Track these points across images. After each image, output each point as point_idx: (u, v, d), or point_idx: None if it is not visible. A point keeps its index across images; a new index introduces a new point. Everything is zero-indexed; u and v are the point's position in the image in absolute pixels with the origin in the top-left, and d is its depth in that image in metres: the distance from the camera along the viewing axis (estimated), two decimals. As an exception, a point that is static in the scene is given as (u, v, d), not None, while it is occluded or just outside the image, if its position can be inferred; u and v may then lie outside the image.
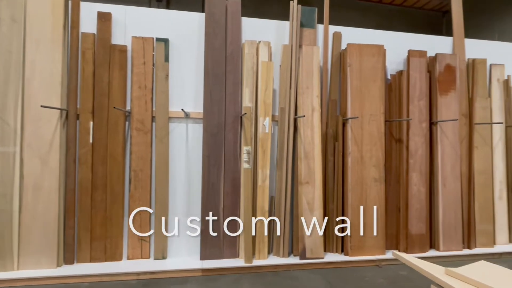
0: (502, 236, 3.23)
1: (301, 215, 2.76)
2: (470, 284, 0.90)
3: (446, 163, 3.05)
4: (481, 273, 0.95)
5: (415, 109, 3.00)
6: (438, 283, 0.92)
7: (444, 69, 3.10)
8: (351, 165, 2.86)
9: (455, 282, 0.90)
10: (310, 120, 2.84)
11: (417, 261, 1.05)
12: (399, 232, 3.00)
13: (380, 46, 2.97)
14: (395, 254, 1.19)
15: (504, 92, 3.36)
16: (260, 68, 2.80)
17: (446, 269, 1.00)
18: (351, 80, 2.90)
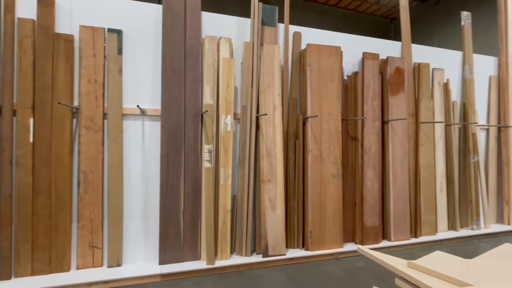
0: (442, 224, 3.57)
1: (264, 213, 2.76)
2: (430, 275, 0.97)
3: (396, 159, 3.27)
4: (439, 263, 1.03)
5: (369, 109, 3.17)
6: (402, 275, 0.97)
7: (394, 71, 3.32)
8: (311, 163, 2.94)
9: (417, 274, 0.95)
10: (272, 119, 2.85)
11: (381, 255, 1.10)
12: (355, 225, 3.16)
13: (338, 47, 3.08)
14: (360, 249, 1.23)
15: (444, 94, 3.71)
16: (221, 65, 2.74)
17: (408, 262, 1.06)
18: (311, 80, 2.97)
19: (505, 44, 4.04)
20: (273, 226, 2.77)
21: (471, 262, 1.07)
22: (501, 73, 4.08)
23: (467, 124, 3.79)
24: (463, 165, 3.80)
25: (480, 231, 3.66)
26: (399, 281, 0.99)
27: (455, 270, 0.95)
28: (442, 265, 0.99)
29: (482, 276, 0.93)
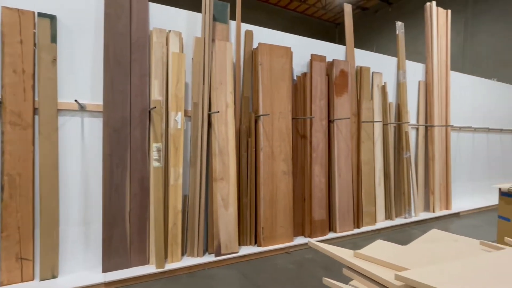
0: (381, 215, 3.92)
1: (216, 211, 2.73)
2: (373, 262, 1.06)
3: (341, 156, 3.50)
4: (381, 251, 1.13)
5: (317, 108, 3.33)
6: (349, 265, 1.04)
7: (339, 73, 3.53)
8: (263, 160, 2.99)
9: (362, 263, 1.03)
10: (224, 116, 2.83)
11: (330, 247, 1.16)
12: (305, 219, 3.30)
13: (288, 48, 3.17)
14: (310, 243, 1.28)
15: (382, 96, 4.06)
16: (171, 60, 2.63)
17: (354, 252, 1.14)
18: (263, 79, 3.01)
19: (431, 53, 4.57)
20: (226, 225, 2.76)
21: (407, 248, 1.20)
22: (428, 79, 4.61)
23: (401, 124, 4.21)
24: (398, 161, 4.22)
25: (412, 219, 4.10)
26: (347, 270, 1.06)
27: (394, 257, 1.05)
28: (383, 253, 1.09)
29: (416, 260, 1.04)
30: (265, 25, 3.38)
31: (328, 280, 1.11)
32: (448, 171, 4.69)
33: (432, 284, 0.81)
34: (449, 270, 0.92)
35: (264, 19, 11.55)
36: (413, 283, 0.83)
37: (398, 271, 0.88)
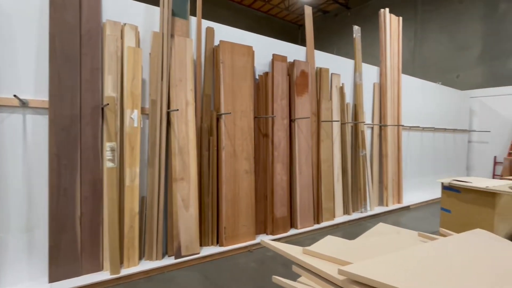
0: (339, 210, 4.09)
1: (176, 212, 2.66)
2: (321, 258, 1.09)
3: (301, 154, 3.59)
4: (328, 247, 1.17)
5: (278, 108, 3.38)
6: (297, 262, 1.07)
7: (300, 74, 3.62)
8: (225, 159, 2.96)
9: (311, 259, 1.06)
10: (184, 114, 2.76)
11: (280, 245, 1.18)
12: (267, 217, 3.33)
13: (250, 47, 3.18)
14: (263, 242, 1.29)
15: (340, 96, 4.24)
16: (126, 54, 2.49)
17: (303, 248, 1.17)
18: (224, 77, 2.98)
19: (385, 57, 4.86)
20: (186, 226, 2.69)
21: (354, 243, 1.26)
22: (382, 81, 4.90)
23: (358, 123, 4.43)
24: (355, 158, 4.43)
25: (367, 213, 4.34)
26: (296, 267, 1.09)
27: (341, 251, 1.10)
28: (331, 248, 1.14)
29: (361, 254, 1.10)
30: (229, 24, 3.36)
31: (277, 278, 1.14)
32: (400, 168, 5.03)
33: (371, 276, 0.87)
34: (387, 261, 0.99)
35: (229, 17, 11.47)
36: (355, 277, 0.88)
37: (342, 266, 0.93)
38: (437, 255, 1.06)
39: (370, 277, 0.86)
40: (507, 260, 1.05)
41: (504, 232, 2.76)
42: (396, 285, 0.82)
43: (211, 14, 10.89)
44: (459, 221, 2.92)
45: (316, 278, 0.96)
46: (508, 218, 2.80)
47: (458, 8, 8.18)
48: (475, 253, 1.09)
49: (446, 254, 1.07)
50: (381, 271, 0.91)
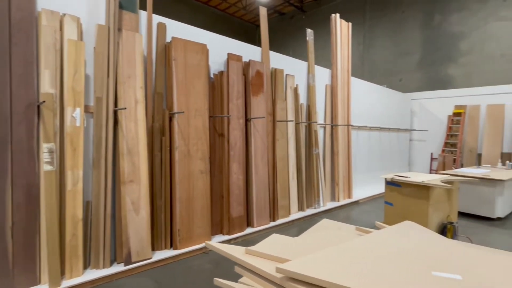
0: (294, 207, 4.22)
1: (125, 217, 2.52)
2: (264, 258, 1.11)
3: (257, 153, 3.63)
4: (274, 246, 1.20)
5: (234, 107, 3.38)
6: (239, 263, 1.07)
7: (256, 74, 3.65)
8: (178, 159, 2.88)
9: (252, 259, 1.07)
10: (134, 113, 2.62)
11: (222, 246, 1.18)
12: (223, 217, 3.31)
13: (204, 45, 3.12)
14: (208, 244, 1.27)
15: (294, 97, 4.37)
16: (67, 47, 2.30)
17: (245, 248, 1.18)
18: (177, 74, 2.90)
19: (336, 60, 5.12)
20: (137, 230, 2.57)
21: (297, 240, 1.31)
22: (333, 83, 5.15)
23: (311, 123, 4.60)
24: (308, 157, 4.60)
25: (320, 209, 4.53)
26: (238, 268, 1.10)
27: (283, 249, 1.14)
28: (274, 247, 1.17)
29: (302, 251, 1.15)
30: (185, 20, 3.27)
31: (218, 280, 1.14)
32: (350, 165, 5.34)
33: (306, 272, 0.91)
34: (323, 257, 1.05)
35: (185, 13, 11.17)
36: (291, 274, 0.91)
37: (281, 263, 0.96)
38: (369, 248, 1.14)
39: (306, 274, 0.90)
40: (430, 248, 1.18)
41: (437, 220, 3.08)
42: (329, 279, 0.87)
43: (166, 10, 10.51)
44: (400, 213, 3.19)
45: (257, 278, 0.98)
46: (440, 208, 3.13)
47: (401, 17, 8.91)
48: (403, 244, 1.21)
49: (377, 246, 1.16)
50: (316, 267, 0.95)
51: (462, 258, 1.07)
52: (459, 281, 0.87)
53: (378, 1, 9.48)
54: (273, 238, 1.31)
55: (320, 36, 11.20)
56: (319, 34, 11.23)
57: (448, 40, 7.91)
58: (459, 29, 7.71)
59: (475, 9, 7.45)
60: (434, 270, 0.94)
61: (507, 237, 3.58)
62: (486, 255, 1.14)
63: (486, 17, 7.27)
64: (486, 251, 1.22)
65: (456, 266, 0.99)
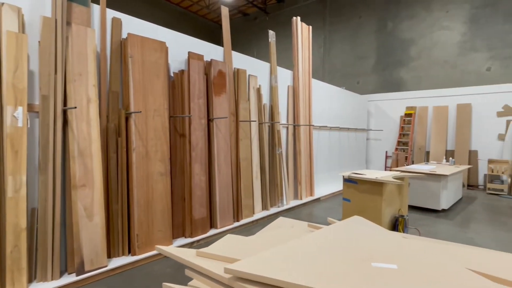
0: (258, 206, 4.25)
1: (77, 224, 2.35)
2: (215, 259, 1.11)
3: (220, 154, 3.60)
4: (226, 247, 1.19)
5: (196, 107, 3.32)
6: (190, 266, 1.06)
7: (218, 74, 3.62)
8: (136, 161, 2.76)
9: (203, 261, 1.06)
10: (86, 113, 2.46)
11: (172, 249, 1.15)
12: (185, 219, 3.24)
13: (163, 42, 3.03)
14: (157, 248, 1.23)
15: (257, 97, 4.40)
16: (5, 40, 2.09)
17: (196, 251, 1.16)
18: (133, 72, 2.77)
19: (297, 61, 5.25)
20: (91, 237, 2.41)
21: (251, 239, 1.33)
22: (295, 84, 5.28)
23: (274, 123, 4.67)
24: (272, 156, 4.67)
25: (284, 207, 4.62)
26: (188, 271, 1.08)
27: (235, 250, 1.15)
28: (226, 248, 1.17)
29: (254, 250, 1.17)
30: (145, 17, 3.14)
31: (167, 285, 1.11)
32: (312, 164, 5.52)
33: (254, 271, 0.93)
34: (271, 255, 1.07)
35: (144, 10, 10.75)
36: (239, 273, 0.92)
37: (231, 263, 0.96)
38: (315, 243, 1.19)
39: (253, 272, 0.91)
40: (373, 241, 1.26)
41: (389, 214, 3.29)
42: (274, 276, 0.89)
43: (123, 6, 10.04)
44: (357, 209, 3.36)
45: (206, 280, 0.97)
46: (392, 203, 3.34)
47: (358, 23, 9.39)
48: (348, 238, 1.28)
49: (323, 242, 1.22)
50: (263, 265, 0.97)
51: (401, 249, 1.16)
52: (394, 270, 0.94)
53: (336, 7, 9.91)
54: (227, 238, 1.31)
55: (283, 38, 11.43)
56: (283, 36, 11.45)
57: (399, 45, 8.50)
58: (409, 36, 8.33)
59: (422, 18, 8.09)
60: (374, 262, 1.00)
61: (451, 226, 3.94)
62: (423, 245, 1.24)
63: (432, 26, 7.93)
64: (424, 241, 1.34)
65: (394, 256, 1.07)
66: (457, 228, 3.88)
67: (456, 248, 1.25)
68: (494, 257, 1.12)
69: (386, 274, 0.92)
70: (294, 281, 0.88)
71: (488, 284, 0.92)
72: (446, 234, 3.65)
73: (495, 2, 7.03)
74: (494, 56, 7.05)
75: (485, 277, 1.00)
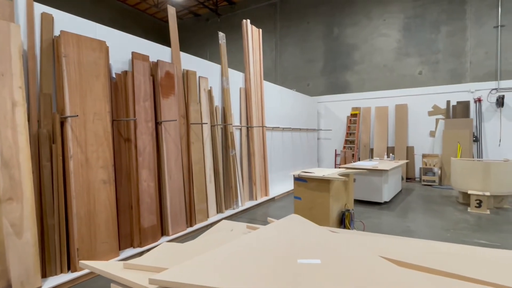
0: (212, 210, 4.20)
1: (2, 242, 2.09)
2: (145, 270, 1.07)
3: (170, 158, 3.48)
4: (160, 256, 1.16)
5: (141, 110, 3.17)
6: (116, 280, 1.00)
7: (165, 75, 3.50)
8: (74, 169, 2.54)
9: (131, 274, 1.02)
10: (11, 118, 2.20)
11: (97, 264, 1.09)
12: (133, 229, 3.07)
13: (102, 41, 2.83)
14: (82, 264, 1.15)
15: (209, 99, 4.35)
16: None
17: (124, 263, 1.11)
18: (69, 73, 2.56)
19: (248, 64, 5.31)
20: (20, 256, 2.16)
21: (188, 246, 1.31)
22: (247, 86, 5.32)
23: (227, 125, 4.66)
24: (226, 158, 4.65)
25: (239, 209, 4.63)
26: (114, 285, 1.03)
27: (168, 259, 1.12)
28: (158, 257, 1.14)
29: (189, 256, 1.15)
30: (87, 14, 2.89)
31: None
32: (266, 164, 5.61)
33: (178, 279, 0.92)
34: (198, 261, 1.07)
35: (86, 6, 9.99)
36: (164, 283, 0.91)
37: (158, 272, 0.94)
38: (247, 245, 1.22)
39: (179, 281, 0.90)
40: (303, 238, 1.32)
41: (337, 209, 3.47)
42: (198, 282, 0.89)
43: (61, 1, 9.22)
44: (307, 206, 3.49)
45: None
46: (339, 199, 3.54)
47: (306, 27, 9.80)
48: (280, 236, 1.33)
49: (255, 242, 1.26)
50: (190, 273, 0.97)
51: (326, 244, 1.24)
52: (318, 264, 1.00)
53: (286, 11, 10.23)
54: (162, 247, 1.27)
55: (235, 40, 11.47)
56: (234, 38, 11.49)
57: (345, 50, 9.06)
58: (353, 41, 8.92)
59: (363, 25, 8.73)
60: (301, 258, 1.05)
61: (392, 217, 4.29)
62: (346, 238, 1.34)
63: (372, 33, 8.60)
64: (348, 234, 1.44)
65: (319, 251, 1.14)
66: (397, 218, 4.25)
67: (374, 238, 1.37)
68: (402, 244, 1.26)
69: (309, 270, 0.97)
70: (215, 285, 0.88)
71: (392, 268, 1.02)
72: (387, 224, 3.96)
73: (423, 13, 7.86)
74: (424, 61, 7.87)
75: (394, 263, 1.11)
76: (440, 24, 7.64)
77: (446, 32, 7.58)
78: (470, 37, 7.32)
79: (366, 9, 8.67)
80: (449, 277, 1.01)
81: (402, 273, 0.98)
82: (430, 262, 1.10)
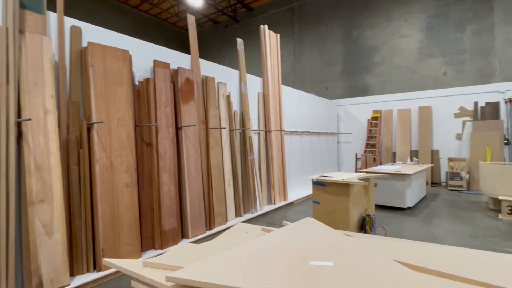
0: (231, 213, 4.24)
1: (34, 242, 2.22)
2: (163, 269, 1.11)
3: (190, 162, 3.56)
4: (178, 256, 1.19)
5: (162, 115, 3.27)
6: (136, 277, 1.04)
7: (185, 81, 3.60)
8: (99, 173, 2.66)
9: (150, 272, 1.06)
10: (43, 124, 2.35)
11: (118, 261, 1.13)
12: (154, 231, 3.16)
13: (126, 51, 2.97)
14: (105, 261, 1.21)
15: (227, 104, 4.42)
16: (-51, 50, 1.96)
17: (143, 261, 1.15)
18: (95, 82, 2.70)
19: (266, 69, 5.35)
20: (50, 255, 2.29)
21: (204, 247, 1.33)
22: (265, 91, 5.36)
23: (245, 129, 4.70)
24: (244, 162, 4.69)
25: (258, 213, 4.64)
26: (134, 282, 1.07)
27: (184, 258, 1.15)
28: (176, 257, 1.17)
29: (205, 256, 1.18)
30: (112, 25, 3.05)
31: None
32: (284, 168, 5.60)
33: (195, 278, 0.94)
34: (214, 261, 1.10)
35: (114, 18, 10.48)
36: (180, 281, 0.93)
37: (174, 271, 0.97)
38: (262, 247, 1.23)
39: (193, 279, 0.93)
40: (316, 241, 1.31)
41: (357, 214, 3.40)
42: (214, 281, 0.91)
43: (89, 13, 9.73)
44: (326, 211, 3.45)
45: None
46: (359, 203, 3.47)
47: (325, 31, 9.74)
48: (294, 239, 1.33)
49: (269, 244, 1.26)
50: (205, 271, 0.99)
51: (340, 247, 1.23)
52: (330, 267, 0.99)
53: (304, 15, 10.23)
54: (180, 248, 1.30)
55: (254, 46, 11.58)
56: (253, 44, 11.61)
57: (364, 52, 8.91)
58: (372, 43, 8.76)
59: (383, 26, 8.56)
60: (313, 260, 1.05)
61: (416, 223, 4.14)
62: (361, 242, 1.32)
63: (393, 34, 8.41)
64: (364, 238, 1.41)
65: (333, 254, 1.13)
66: (421, 224, 4.09)
67: (389, 242, 1.34)
68: (419, 248, 1.22)
69: (321, 271, 0.97)
70: (229, 284, 0.90)
71: (407, 272, 1.00)
72: (410, 230, 3.83)
73: (447, 12, 7.60)
74: (448, 61, 7.59)
75: (409, 267, 1.09)
76: (466, 22, 7.35)
77: (472, 30, 7.28)
78: (498, 35, 6.98)
79: (386, 11, 8.50)
80: (468, 283, 0.97)
81: (417, 277, 0.95)
82: (447, 268, 1.06)
